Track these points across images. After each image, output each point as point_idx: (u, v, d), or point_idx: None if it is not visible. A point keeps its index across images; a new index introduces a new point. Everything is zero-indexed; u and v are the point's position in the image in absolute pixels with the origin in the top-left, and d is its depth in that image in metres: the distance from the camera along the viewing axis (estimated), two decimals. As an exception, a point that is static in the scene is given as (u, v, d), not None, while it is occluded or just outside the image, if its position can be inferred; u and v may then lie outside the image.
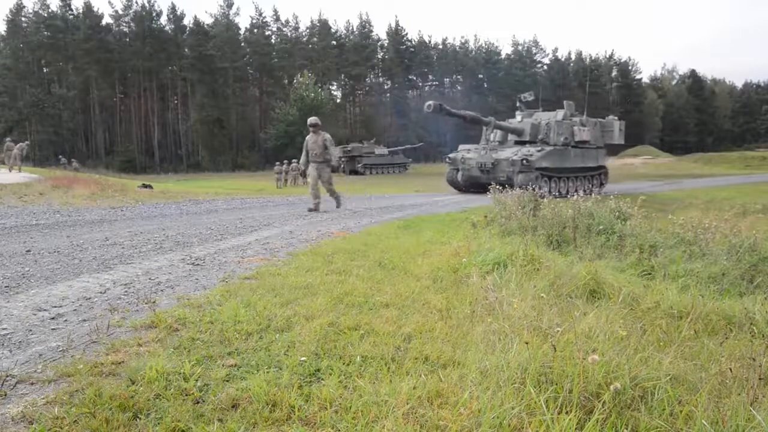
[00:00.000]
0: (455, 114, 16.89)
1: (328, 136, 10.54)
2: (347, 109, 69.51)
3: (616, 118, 21.36)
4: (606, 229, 6.79)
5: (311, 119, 10.60)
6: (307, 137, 10.58)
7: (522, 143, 17.82)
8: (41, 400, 2.09)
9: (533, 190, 14.53)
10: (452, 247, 6.15)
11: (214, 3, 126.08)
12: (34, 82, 52.92)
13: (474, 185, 17.77)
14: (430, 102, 15.26)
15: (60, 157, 41.17)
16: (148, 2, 57.86)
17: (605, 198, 8.07)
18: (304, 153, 10.54)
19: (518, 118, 19.33)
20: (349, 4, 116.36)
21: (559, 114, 18.60)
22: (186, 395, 2.15)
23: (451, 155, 18.47)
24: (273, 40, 65.53)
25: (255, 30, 63.73)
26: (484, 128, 18.26)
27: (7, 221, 7.21)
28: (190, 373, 2.32)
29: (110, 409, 2.00)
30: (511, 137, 18.61)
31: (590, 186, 18.92)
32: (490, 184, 17.80)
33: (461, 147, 18.77)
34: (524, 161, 15.83)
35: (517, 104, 20.52)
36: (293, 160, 30.30)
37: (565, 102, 20.13)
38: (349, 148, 42.28)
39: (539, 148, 16.61)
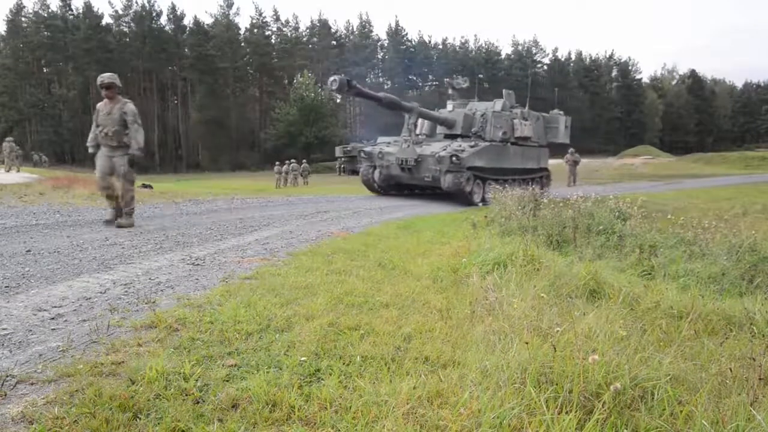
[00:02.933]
0: (367, 95, 13.59)
1: (131, 107, 7.01)
2: (347, 109, 69.54)
3: (561, 112, 18.48)
4: (606, 229, 6.80)
5: (103, 76, 6.97)
6: (99, 105, 7.12)
7: (453, 137, 15.05)
8: (41, 400, 2.09)
9: (466, 193, 12.99)
10: (452, 247, 6.16)
11: (214, 3, 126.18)
12: (34, 82, 52.95)
13: (393, 186, 15.29)
14: (335, 77, 11.72)
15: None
16: (148, 2, 57.89)
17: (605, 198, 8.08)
18: (92, 129, 7.13)
19: (449, 107, 16.44)
20: (349, 4, 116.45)
21: (497, 104, 15.77)
22: (186, 395, 2.15)
23: (366, 149, 15.38)
24: (273, 40, 65.55)
25: (255, 30, 63.73)
26: (406, 116, 14.79)
27: (7, 221, 7.21)
28: (190, 373, 2.33)
29: (110, 409, 2.00)
30: (440, 130, 15.75)
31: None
32: (414, 186, 15.09)
33: (380, 139, 15.97)
34: (454, 158, 12.97)
35: (449, 91, 17.37)
36: (292, 160, 30.37)
37: (504, 91, 16.87)
38: (349, 148, 42.25)
39: (472, 144, 13.89)
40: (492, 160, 14.31)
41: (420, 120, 15.56)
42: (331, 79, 11.80)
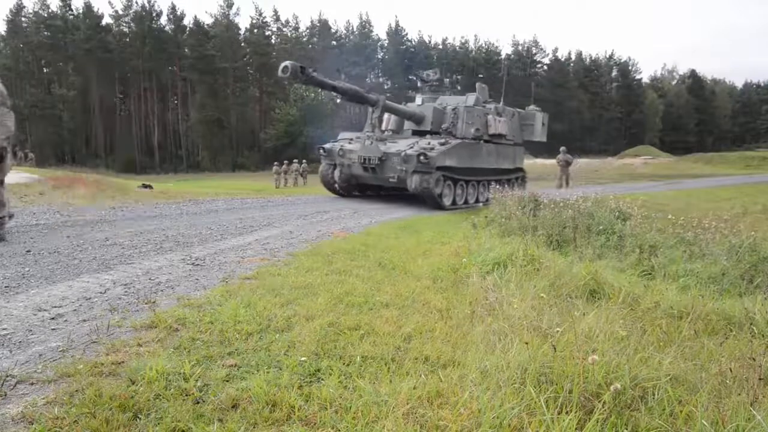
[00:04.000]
0: (324, 84, 11.75)
1: None
2: (348, 109, 69.57)
3: (538, 109, 16.93)
4: (606, 229, 6.80)
5: None
6: None
7: (421, 134, 13.80)
8: (41, 400, 2.09)
9: (436, 196, 11.80)
10: (452, 247, 6.16)
11: (214, 3, 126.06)
12: (34, 82, 52.94)
13: (355, 187, 14.01)
14: (287, 63, 10.13)
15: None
16: (148, 2, 57.85)
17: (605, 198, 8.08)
18: None
19: (418, 101, 15.17)
20: (349, 4, 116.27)
21: (470, 99, 14.50)
22: (186, 395, 2.15)
23: (326, 146, 13.75)
24: (273, 40, 65.56)
25: (255, 30, 63.71)
26: (370, 110, 13.22)
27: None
28: (190, 373, 2.33)
29: (110, 409, 2.00)
30: (408, 126, 14.46)
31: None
32: (379, 187, 13.85)
33: (341, 135, 14.45)
34: (421, 157, 11.59)
35: (419, 84, 16.17)
36: (294, 161, 30.37)
37: (477, 84, 15.54)
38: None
39: (443, 141, 12.47)
40: (464, 160, 12.92)
41: (387, 115, 14.36)
42: (282, 65, 10.14)
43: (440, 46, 73.75)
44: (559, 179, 20.53)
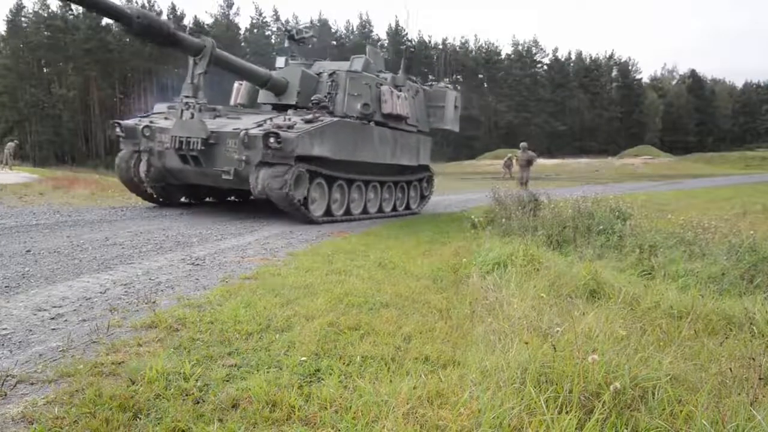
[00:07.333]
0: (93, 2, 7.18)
1: None
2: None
3: (450, 86, 12.94)
4: (606, 229, 6.80)
5: None
6: None
7: (283, 108, 9.34)
8: (41, 400, 2.09)
9: (297, 203, 7.81)
10: (452, 247, 6.16)
11: (214, 3, 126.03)
12: (34, 82, 52.91)
13: (181, 189, 9.52)
14: None
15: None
16: (148, 2, 57.91)
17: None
18: None
19: (280, 62, 10.55)
20: (349, 4, 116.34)
21: (357, 63, 10.25)
22: (186, 395, 2.16)
23: (128, 122, 8.87)
24: (273, 40, 65.63)
25: (255, 30, 63.81)
26: (191, 62, 8.28)
27: (7, 221, 7.20)
28: (190, 373, 2.33)
29: (110, 409, 2.00)
30: (265, 98, 9.99)
31: (403, 200, 11.04)
32: (216, 189, 9.53)
33: (158, 107, 9.74)
34: (272, 140, 7.43)
35: (285, 43, 11.23)
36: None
37: (368, 47, 11.80)
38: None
39: (310, 118, 8.08)
40: (343, 148, 8.57)
41: (238, 83, 10.43)
42: None
43: (440, 46, 73.74)
44: (519, 179, 17.28)
